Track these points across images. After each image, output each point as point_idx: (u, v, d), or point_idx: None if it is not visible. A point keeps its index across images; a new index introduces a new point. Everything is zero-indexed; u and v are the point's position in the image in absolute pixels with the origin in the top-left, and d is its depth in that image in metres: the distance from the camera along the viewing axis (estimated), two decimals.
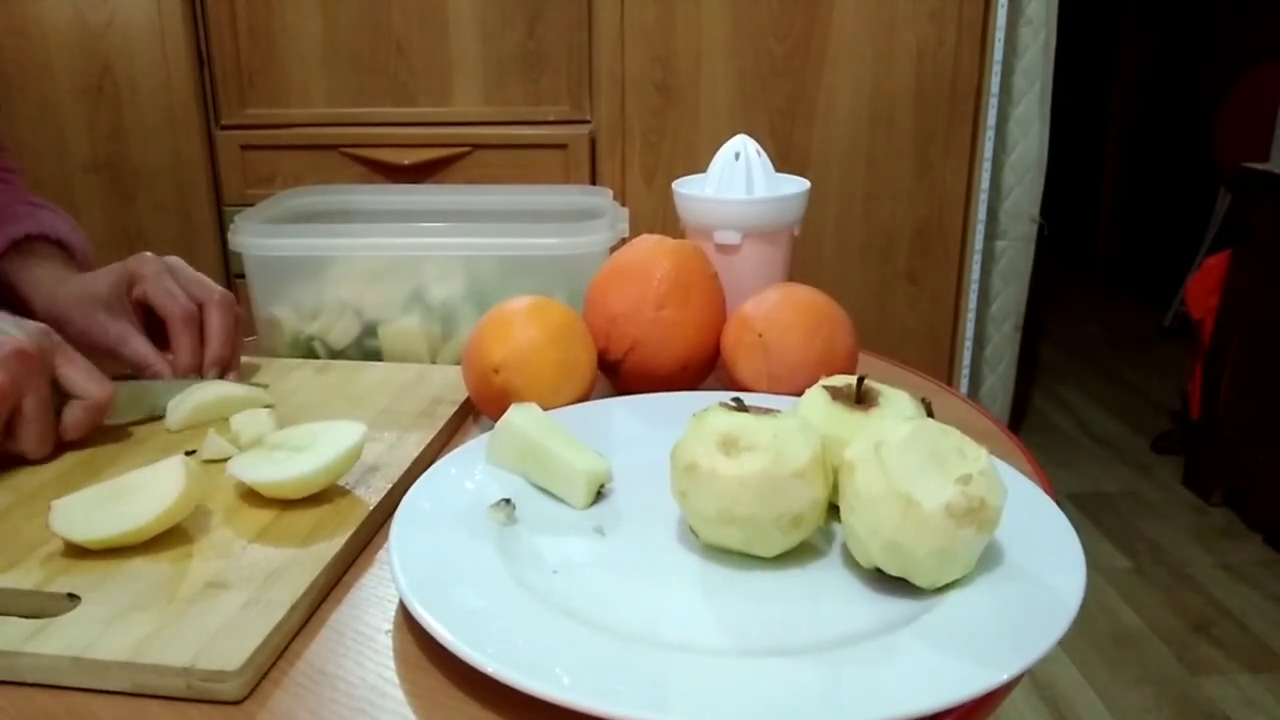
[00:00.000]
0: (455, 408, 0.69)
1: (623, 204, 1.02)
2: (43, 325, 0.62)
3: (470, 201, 0.97)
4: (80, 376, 0.62)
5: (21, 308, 0.76)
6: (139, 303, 0.73)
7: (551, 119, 1.88)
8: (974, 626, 0.44)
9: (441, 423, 0.67)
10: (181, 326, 0.71)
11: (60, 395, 0.62)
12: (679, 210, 0.80)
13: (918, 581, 0.46)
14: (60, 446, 0.62)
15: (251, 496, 0.56)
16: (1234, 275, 2.11)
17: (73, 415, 0.62)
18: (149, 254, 0.74)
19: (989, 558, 0.48)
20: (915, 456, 0.46)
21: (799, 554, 0.50)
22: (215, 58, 1.85)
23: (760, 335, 0.67)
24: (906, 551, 0.45)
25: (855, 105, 1.85)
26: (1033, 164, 1.97)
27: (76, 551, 0.50)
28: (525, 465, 0.58)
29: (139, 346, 0.71)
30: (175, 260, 0.75)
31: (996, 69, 1.84)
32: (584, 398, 0.67)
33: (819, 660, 0.42)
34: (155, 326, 0.73)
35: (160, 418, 0.67)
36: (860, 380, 0.55)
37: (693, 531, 0.51)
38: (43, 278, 0.76)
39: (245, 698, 0.42)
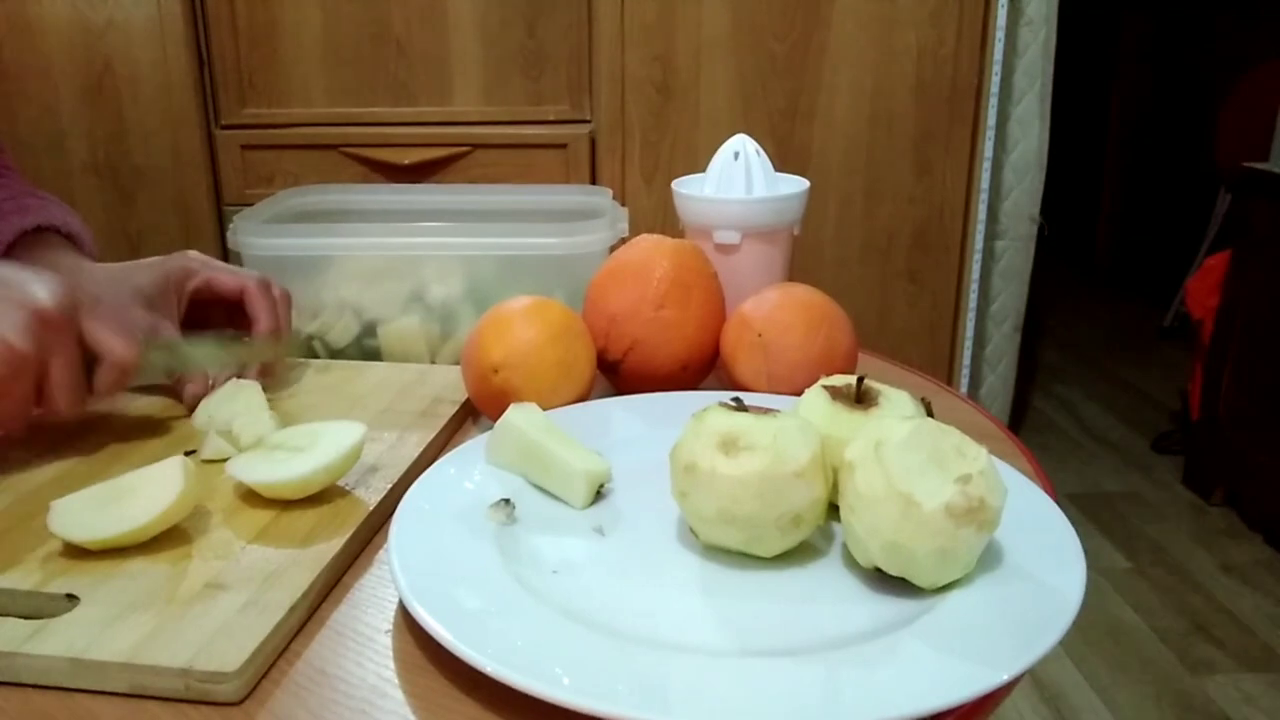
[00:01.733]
0: (455, 408, 0.69)
1: (622, 204, 1.02)
2: (67, 281, 0.60)
3: (470, 201, 0.97)
4: (107, 334, 0.61)
5: None
6: (193, 297, 0.73)
7: (551, 119, 1.88)
8: (974, 626, 0.44)
9: (441, 423, 0.67)
10: (259, 293, 0.72)
11: (89, 353, 0.61)
12: (679, 210, 0.79)
13: (918, 581, 0.46)
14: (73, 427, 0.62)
15: (251, 497, 0.55)
16: (1234, 275, 2.11)
17: (101, 378, 0.61)
18: (193, 252, 0.75)
19: (989, 558, 0.48)
20: (915, 456, 0.46)
21: (799, 554, 0.50)
22: (215, 57, 1.85)
23: (760, 335, 0.67)
24: (906, 551, 0.45)
25: (855, 105, 1.85)
26: (1033, 164, 1.97)
27: (75, 552, 0.50)
28: (525, 465, 0.58)
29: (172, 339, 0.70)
30: (217, 261, 0.76)
31: (996, 69, 1.84)
32: (583, 397, 0.67)
33: (819, 660, 0.42)
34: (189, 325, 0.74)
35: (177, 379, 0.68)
36: (860, 380, 0.55)
37: (693, 531, 0.51)
38: (58, 266, 0.75)
39: (245, 698, 0.42)
